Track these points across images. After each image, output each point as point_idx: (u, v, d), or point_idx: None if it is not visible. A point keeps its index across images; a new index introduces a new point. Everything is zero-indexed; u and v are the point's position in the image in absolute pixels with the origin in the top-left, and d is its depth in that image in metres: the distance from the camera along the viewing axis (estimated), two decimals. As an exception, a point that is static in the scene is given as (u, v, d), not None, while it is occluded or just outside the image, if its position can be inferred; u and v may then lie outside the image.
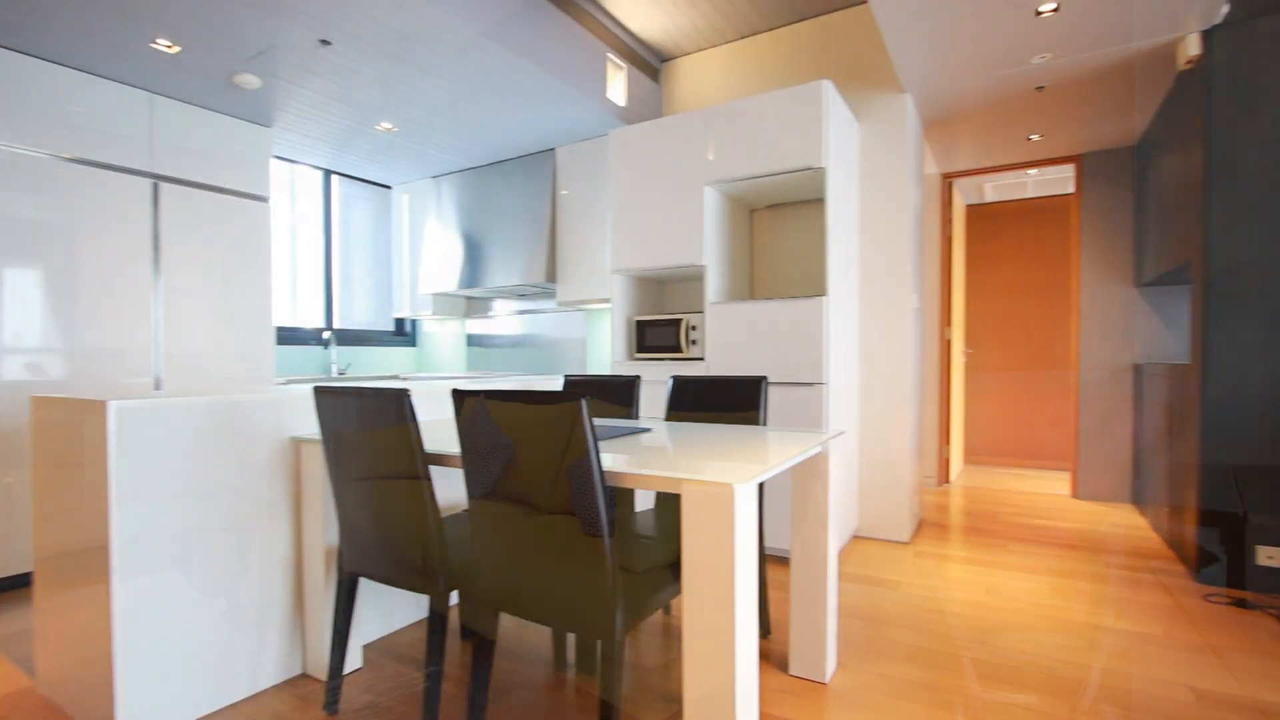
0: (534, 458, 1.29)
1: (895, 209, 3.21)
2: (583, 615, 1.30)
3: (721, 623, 1.19)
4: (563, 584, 1.32)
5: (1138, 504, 3.92)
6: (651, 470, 1.28)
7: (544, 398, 1.26)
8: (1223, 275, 2.57)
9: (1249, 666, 1.94)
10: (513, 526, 1.36)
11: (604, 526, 1.25)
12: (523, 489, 1.33)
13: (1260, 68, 2.51)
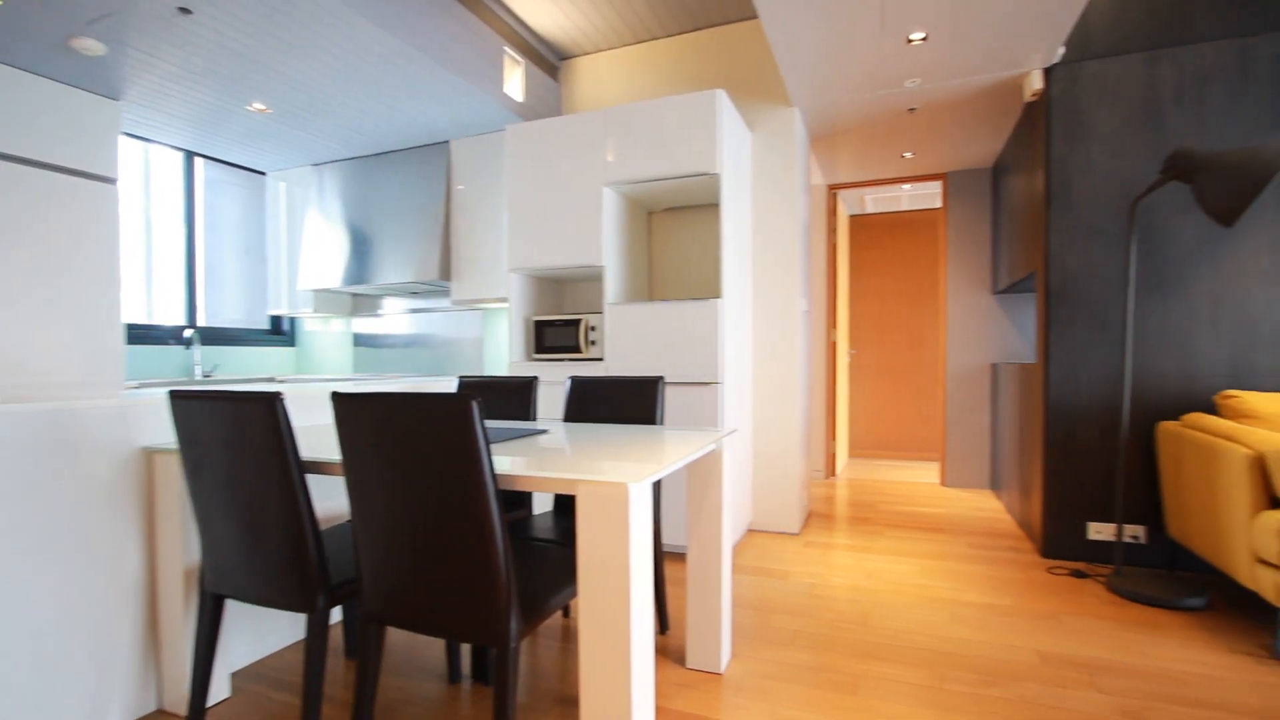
0: (422, 462, 1.23)
1: (785, 217, 3.37)
2: (476, 623, 1.26)
3: (617, 621, 1.19)
4: (454, 592, 1.27)
5: (995, 489, 4.35)
6: (547, 472, 1.26)
7: (433, 399, 1.21)
8: (1060, 285, 2.91)
9: (1083, 628, 2.20)
10: (400, 535, 1.29)
11: (496, 531, 1.22)
12: (410, 495, 1.26)
13: (1088, 104, 2.86)
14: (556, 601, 1.41)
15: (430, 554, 1.27)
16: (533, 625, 1.33)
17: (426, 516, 1.25)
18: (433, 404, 1.20)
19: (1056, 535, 2.93)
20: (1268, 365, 2.62)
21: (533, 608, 1.33)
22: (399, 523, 1.28)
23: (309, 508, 1.41)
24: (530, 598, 1.34)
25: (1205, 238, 2.70)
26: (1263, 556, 1.98)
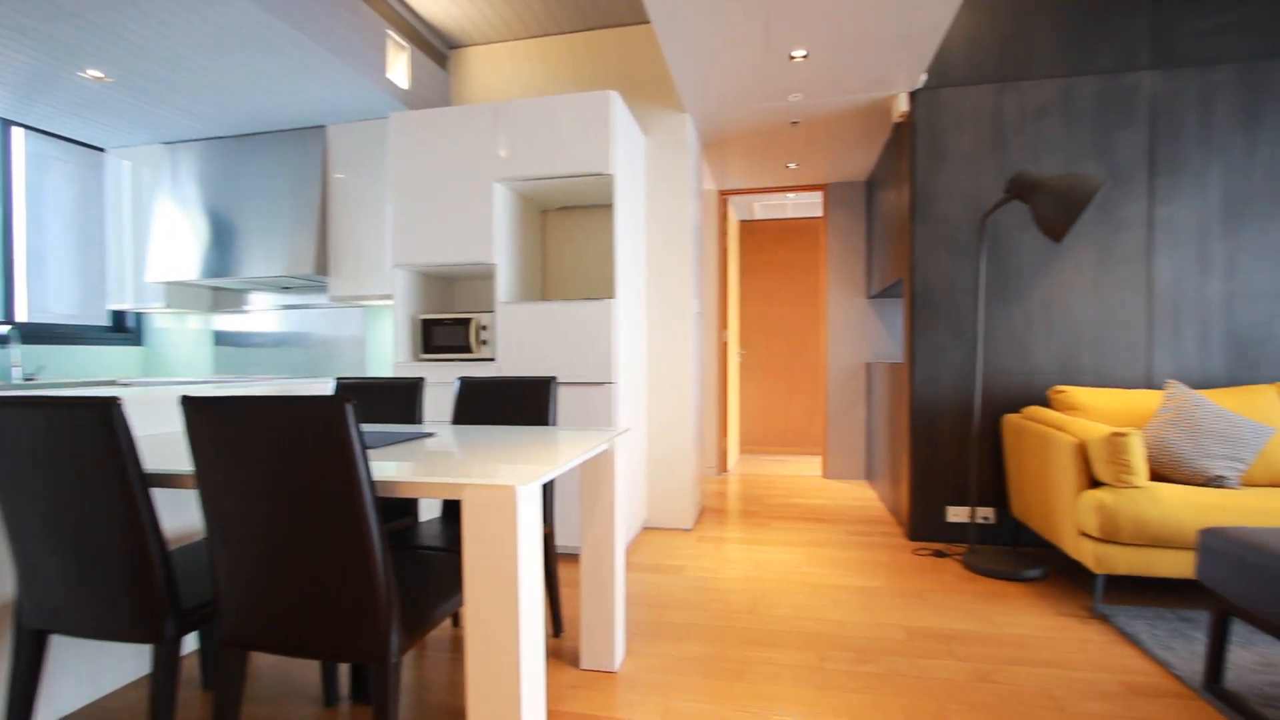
0: (289, 471, 1.13)
1: (678, 220, 3.45)
2: (352, 640, 1.18)
3: (505, 628, 1.16)
4: (327, 609, 1.18)
5: (870, 480, 4.68)
6: (430, 477, 1.20)
7: (300, 402, 1.11)
8: (923, 292, 3.18)
9: (943, 603, 2.41)
10: (264, 551, 1.18)
11: (374, 541, 1.15)
12: (276, 507, 1.16)
13: (947, 127, 3.15)
14: (443, 611, 1.35)
15: (300, 570, 1.17)
16: (416, 638, 1.26)
17: (295, 529, 1.15)
18: (300, 408, 1.11)
19: (921, 519, 3.20)
20: (1089, 364, 3.01)
21: (416, 620, 1.26)
22: (263, 538, 1.17)
23: (154, 525, 1.26)
24: (413, 609, 1.28)
25: (1040, 252, 3.05)
26: (1084, 530, 2.27)
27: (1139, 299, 2.96)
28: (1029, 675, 1.87)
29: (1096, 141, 3.00)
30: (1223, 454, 2.38)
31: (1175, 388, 2.56)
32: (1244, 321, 2.88)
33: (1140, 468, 2.20)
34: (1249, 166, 2.88)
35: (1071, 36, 3.02)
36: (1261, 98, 2.87)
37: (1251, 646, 2.01)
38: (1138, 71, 2.96)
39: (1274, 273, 2.86)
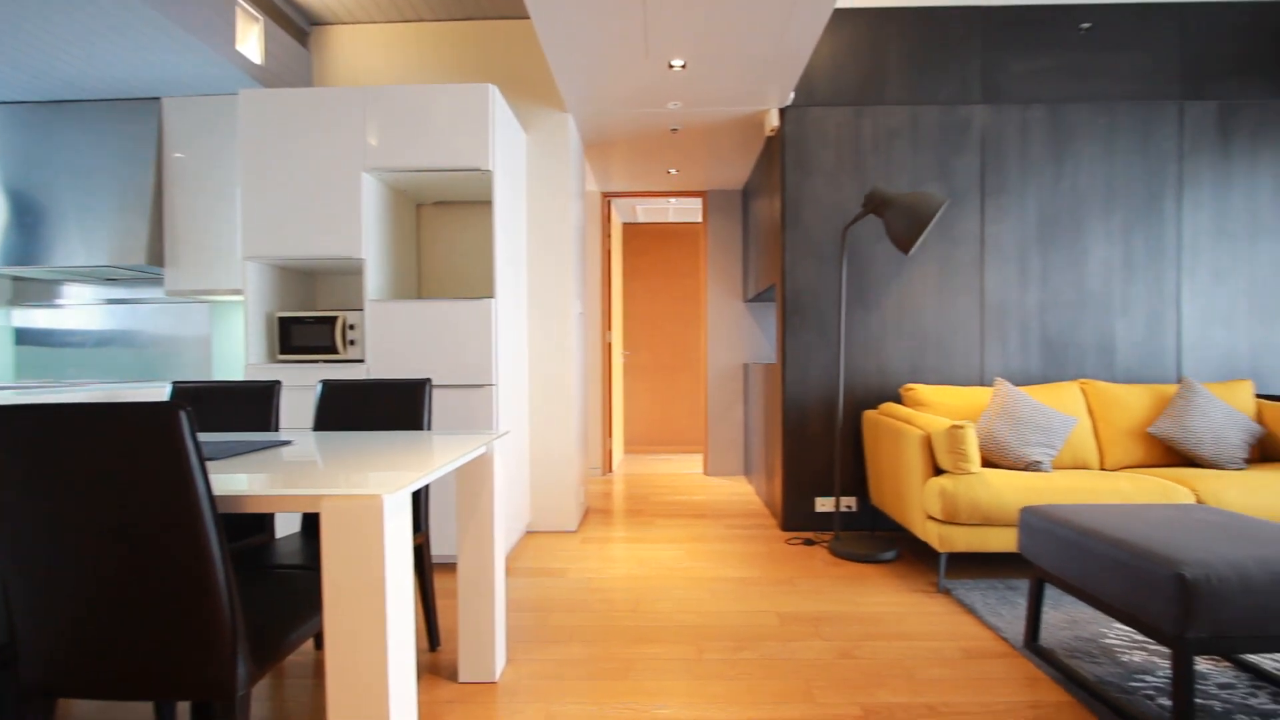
0: (108, 489, 0.99)
1: (560, 220, 3.42)
2: (193, 675, 1.04)
3: (371, 647, 1.08)
4: (159, 642, 1.03)
5: (748, 475, 4.90)
6: (283, 489, 1.09)
7: (120, 410, 0.97)
8: (793, 297, 3.38)
9: (811, 588, 2.57)
10: (79, 582, 1.02)
11: (215, 563, 1.02)
12: (92, 532, 1.00)
13: (813, 144, 3.37)
14: (301, 634, 1.24)
15: (127, 601, 1.02)
16: (269, 666, 1.14)
17: (118, 556, 1.00)
18: (125, 416, 0.97)
19: (792, 511, 3.40)
20: (934, 364, 3.34)
21: (269, 646, 1.15)
22: (76, 567, 1.01)
23: (-77, 561, 1.05)
24: (265, 635, 1.16)
25: (893, 262, 3.35)
26: (930, 513, 2.51)
27: (973, 306, 3.34)
28: (884, 649, 2.04)
29: (939, 164, 3.35)
30: (1039, 442, 2.73)
31: (1001, 385, 2.90)
32: (1054, 327, 3.33)
33: (974, 456, 2.47)
34: (1056, 192, 3.33)
35: (918, 70, 3.35)
36: (1065, 134, 3.33)
37: (1060, 608, 2.32)
38: (971, 105, 3.34)
39: (1075, 285, 3.33)
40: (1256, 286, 3.34)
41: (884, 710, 1.69)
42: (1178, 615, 1.45)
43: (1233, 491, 2.46)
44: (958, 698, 1.75)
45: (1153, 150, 3.34)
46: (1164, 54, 3.34)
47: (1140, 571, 1.54)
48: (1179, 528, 1.71)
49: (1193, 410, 2.86)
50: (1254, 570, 1.46)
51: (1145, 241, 3.33)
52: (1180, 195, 3.34)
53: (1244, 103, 3.34)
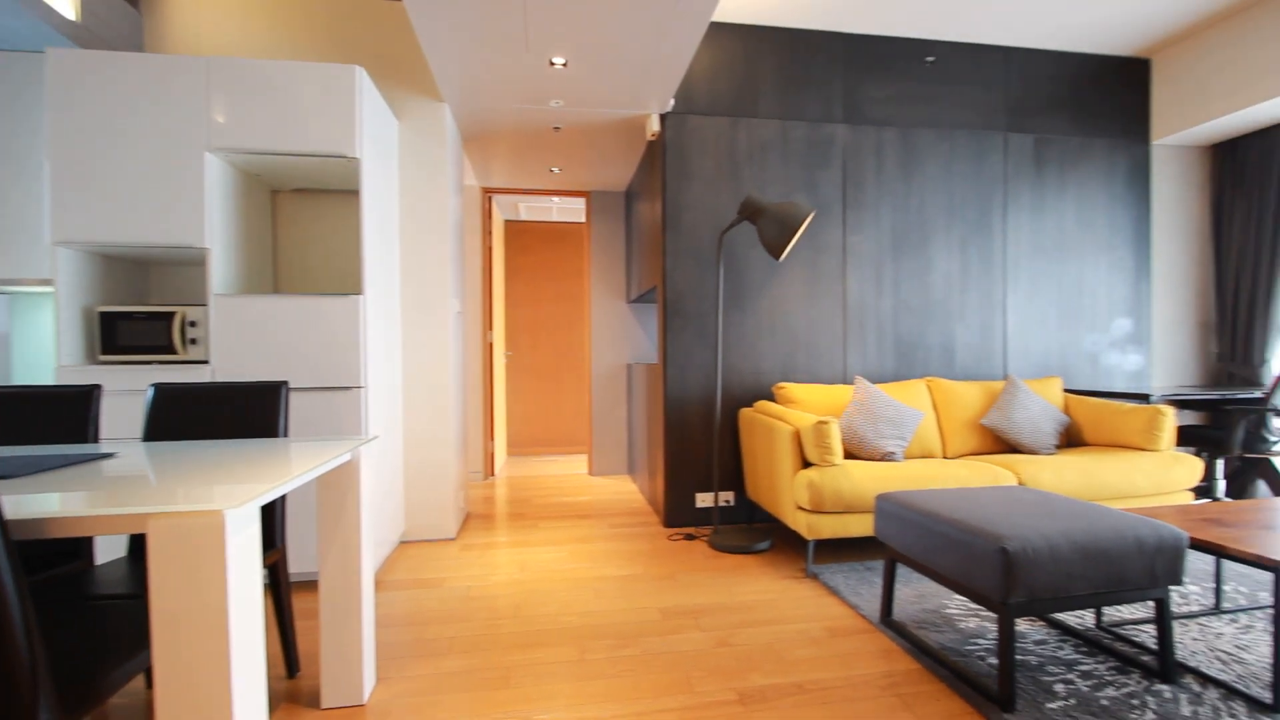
0: None
1: (436, 214, 3.27)
2: (-32, 740, 0.88)
3: (211, 681, 0.97)
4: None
5: (632, 474, 4.96)
6: (100, 508, 0.95)
7: None
8: (673, 298, 3.47)
9: (691, 581, 2.65)
10: None
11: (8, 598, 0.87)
12: None
13: (692, 150, 3.48)
14: (124, 673, 1.09)
15: (-128, 655, 0.84)
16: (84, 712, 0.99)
17: None
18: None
19: (674, 507, 3.49)
20: (803, 364, 3.56)
21: (82, 690, 0.99)
22: None
23: None
24: (78, 677, 1.00)
25: (766, 267, 3.53)
26: (800, 504, 2.68)
27: (837, 310, 3.60)
28: (758, 634, 2.14)
29: (807, 177, 3.57)
30: (892, 434, 3.00)
31: (861, 383, 3.15)
32: (905, 330, 3.67)
33: (838, 449, 2.66)
34: (907, 208, 3.67)
35: (787, 87, 3.56)
36: (914, 156, 3.68)
37: (910, 584, 2.56)
38: (834, 124, 3.60)
39: (922, 292, 3.69)
40: (1063, 297, 3.88)
41: (757, 693, 1.77)
42: (1001, 584, 1.64)
43: (1046, 473, 2.83)
44: (823, 674, 1.87)
45: (984, 175, 3.77)
46: (993, 90, 3.79)
47: (972, 547, 1.73)
48: (1003, 507, 1.94)
49: (1015, 404, 3.27)
50: (1060, 542, 1.68)
51: (978, 255, 3.76)
52: (1005, 216, 3.80)
53: (1054, 137, 3.87)
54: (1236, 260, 3.96)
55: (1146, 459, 2.95)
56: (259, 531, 1.07)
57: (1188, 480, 2.97)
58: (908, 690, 1.78)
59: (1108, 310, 3.96)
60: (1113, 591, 1.73)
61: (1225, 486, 3.72)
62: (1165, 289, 4.09)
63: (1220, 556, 1.75)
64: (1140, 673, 1.83)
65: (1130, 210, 3.99)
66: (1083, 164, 3.92)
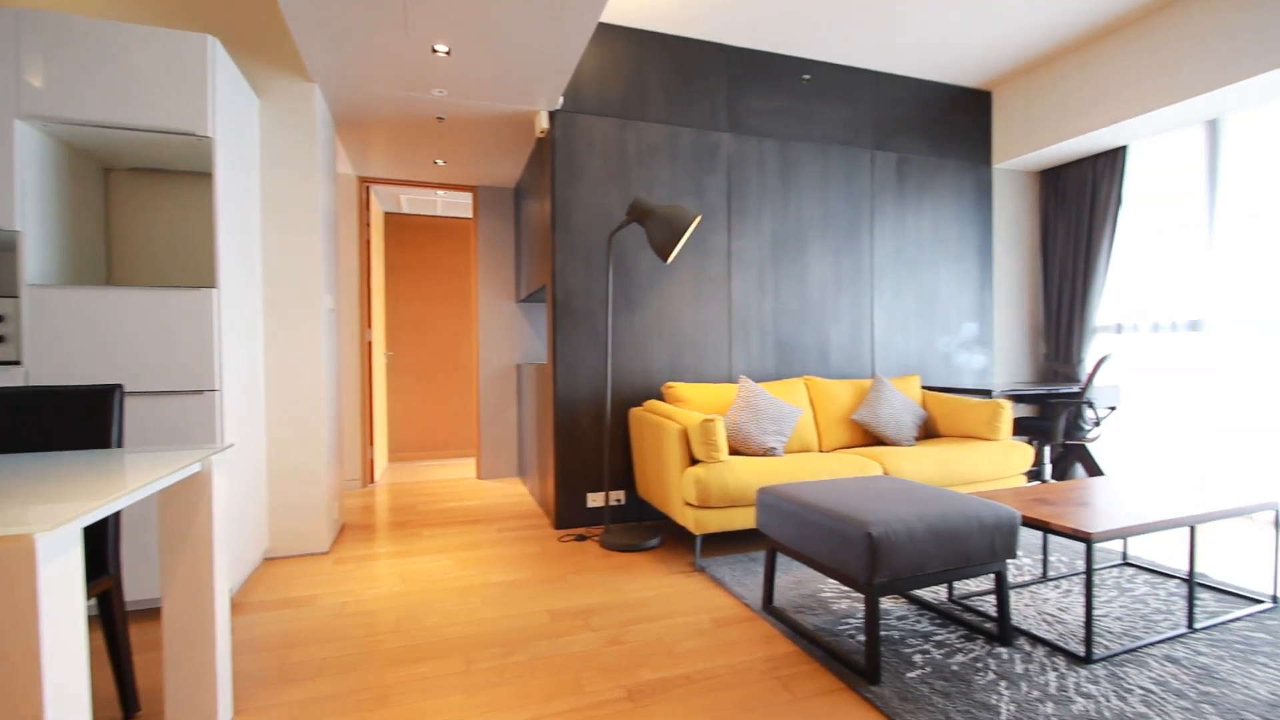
0: None
1: (305, 203, 3.03)
2: None
3: (15, 736, 0.83)
4: None
5: (522, 476, 4.87)
6: None
7: None
8: (563, 298, 3.44)
9: (582, 582, 2.63)
10: None
11: None
12: None
13: (581, 150, 3.47)
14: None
15: None
16: None
17: None
18: None
19: (565, 508, 3.46)
20: (691, 364, 3.66)
21: None
22: None
23: None
24: None
25: (655, 269, 3.59)
26: (687, 500, 2.74)
27: (723, 312, 3.73)
28: (647, 630, 2.17)
29: (693, 182, 3.68)
30: (774, 430, 3.15)
31: (745, 382, 3.29)
32: (785, 331, 3.88)
33: (723, 446, 2.76)
34: (785, 216, 3.88)
35: (675, 93, 3.64)
36: (792, 167, 3.90)
37: (789, 572, 2.70)
38: (719, 132, 3.73)
39: (800, 296, 3.91)
40: (920, 302, 4.27)
41: (646, 688, 1.79)
42: (867, 566, 1.77)
43: (907, 463, 3.10)
44: (709, 664, 1.93)
45: (854, 188, 4.07)
46: (862, 110, 4.10)
47: (842, 534, 1.85)
48: (869, 496, 2.09)
49: (881, 401, 3.55)
50: (917, 526, 1.84)
51: (849, 263, 4.05)
52: (872, 227, 4.12)
53: (913, 157, 4.25)
54: (1059, 273, 4.55)
55: (989, 448, 3.31)
56: (81, 557, 0.94)
57: (1022, 465, 3.36)
58: (786, 672, 1.88)
59: (957, 315, 4.40)
60: (961, 567, 1.92)
61: (1051, 470, 4.25)
62: (1004, 297, 4.62)
63: (1046, 531, 1.99)
64: (984, 638, 2.05)
65: (976, 226, 4.46)
66: (937, 183, 4.33)
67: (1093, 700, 1.68)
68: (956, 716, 1.61)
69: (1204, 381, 3.78)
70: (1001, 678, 1.80)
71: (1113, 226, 4.17)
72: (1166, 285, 3.98)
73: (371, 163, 4.34)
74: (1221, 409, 3.70)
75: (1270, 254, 3.47)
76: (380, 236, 5.39)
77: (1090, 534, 1.85)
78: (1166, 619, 2.18)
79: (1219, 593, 2.41)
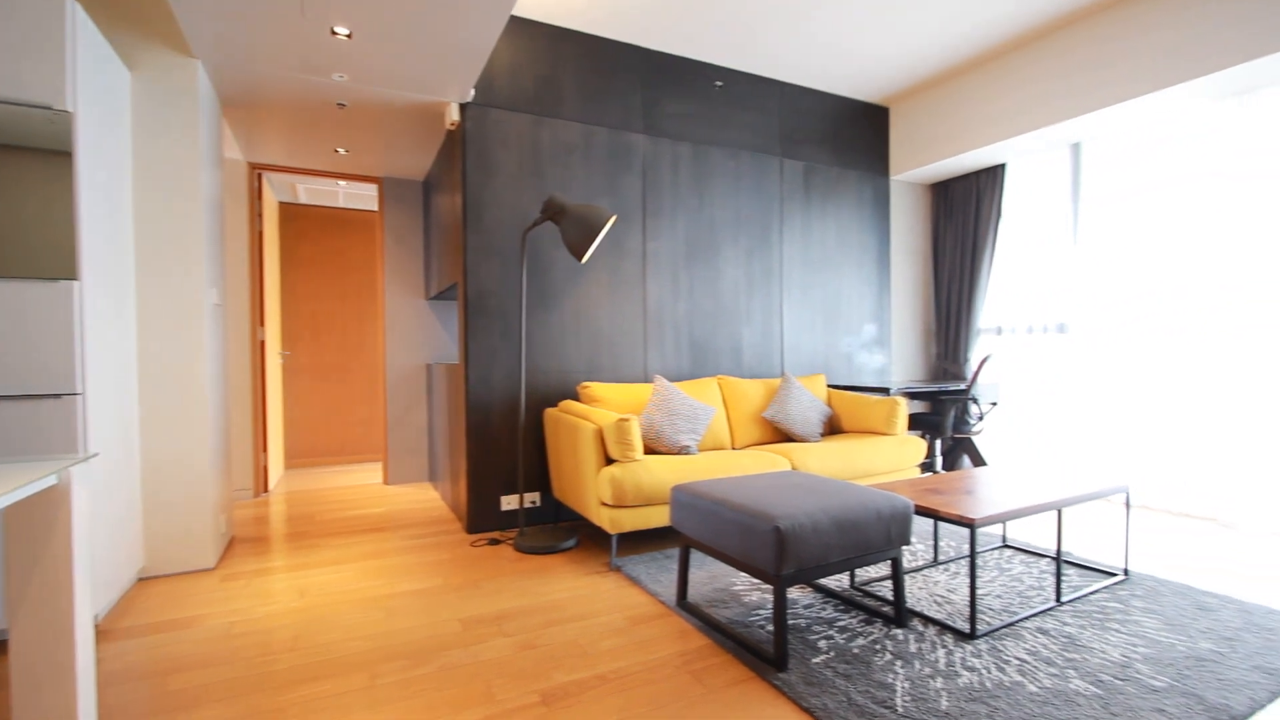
0: None
1: (184, 188, 2.78)
2: None
3: None
4: None
5: (433, 481, 4.69)
6: None
7: None
8: (475, 296, 3.35)
9: (495, 588, 2.57)
10: None
11: None
12: None
13: (494, 145, 3.39)
14: None
15: None
16: None
17: None
18: None
19: (478, 512, 3.36)
20: (607, 363, 3.66)
21: None
22: None
23: None
24: None
25: (571, 268, 3.57)
26: (603, 500, 2.74)
27: (638, 312, 3.75)
28: (563, 632, 2.14)
29: (609, 182, 3.68)
30: (687, 429, 3.20)
31: (659, 381, 3.32)
32: (699, 331, 3.95)
33: (638, 445, 2.78)
34: (699, 219, 3.96)
35: (591, 93, 3.63)
36: (706, 171, 3.98)
37: (703, 567, 2.76)
38: (634, 133, 3.75)
39: (713, 297, 4.00)
40: (825, 304, 4.47)
41: (560, 690, 1.77)
42: (775, 558, 1.83)
43: (813, 459, 3.24)
44: (624, 662, 1.93)
45: (764, 194, 4.21)
46: (771, 118, 4.25)
47: (751, 528, 1.91)
48: (777, 490, 2.17)
49: (790, 398, 3.69)
50: (821, 518, 1.93)
51: (760, 266, 4.18)
52: (781, 231, 4.27)
53: (819, 166, 4.45)
54: (948, 278, 4.90)
55: (887, 442, 3.51)
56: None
57: (916, 458, 3.60)
58: (699, 665, 1.91)
59: (859, 317, 4.65)
60: (861, 555, 2.03)
61: (942, 462, 4.58)
62: (900, 301, 4.92)
63: (936, 519, 2.14)
64: (882, 621, 2.17)
65: (875, 234, 4.73)
66: (840, 191, 4.55)
67: (976, 673, 1.82)
68: (857, 697, 1.70)
69: (1070, 378, 4.19)
70: (897, 657, 1.91)
71: (994, 237, 4.55)
72: (1039, 291, 4.39)
73: (264, 148, 4.04)
74: (1084, 403, 4.11)
75: (1121, 265, 3.89)
76: (275, 227, 5.03)
77: (973, 520, 2.00)
78: (1039, 594, 2.39)
79: (1082, 568, 2.68)
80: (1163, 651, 1.94)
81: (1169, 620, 2.16)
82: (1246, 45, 2.93)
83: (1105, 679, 1.78)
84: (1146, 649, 1.96)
